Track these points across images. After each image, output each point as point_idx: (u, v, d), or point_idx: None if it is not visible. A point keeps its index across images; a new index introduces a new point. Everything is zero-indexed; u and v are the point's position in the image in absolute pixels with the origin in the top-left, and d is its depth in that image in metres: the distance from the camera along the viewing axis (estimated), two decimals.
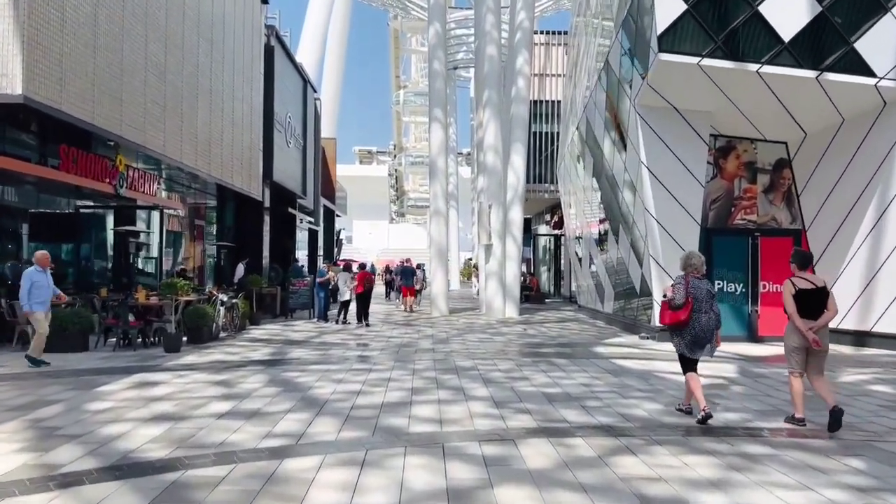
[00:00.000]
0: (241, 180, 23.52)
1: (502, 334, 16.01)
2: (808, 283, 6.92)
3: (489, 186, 20.86)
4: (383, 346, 13.57)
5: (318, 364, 10.92)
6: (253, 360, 11.43)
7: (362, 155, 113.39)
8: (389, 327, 17.67)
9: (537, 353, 12.46)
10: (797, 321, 6.79)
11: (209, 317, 13.83)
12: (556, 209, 32.83)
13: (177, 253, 23.41)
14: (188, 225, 23.10)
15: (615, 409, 7.75)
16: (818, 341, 6.76)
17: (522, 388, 8.96)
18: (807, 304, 6.83)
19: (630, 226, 15.28)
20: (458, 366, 10.83)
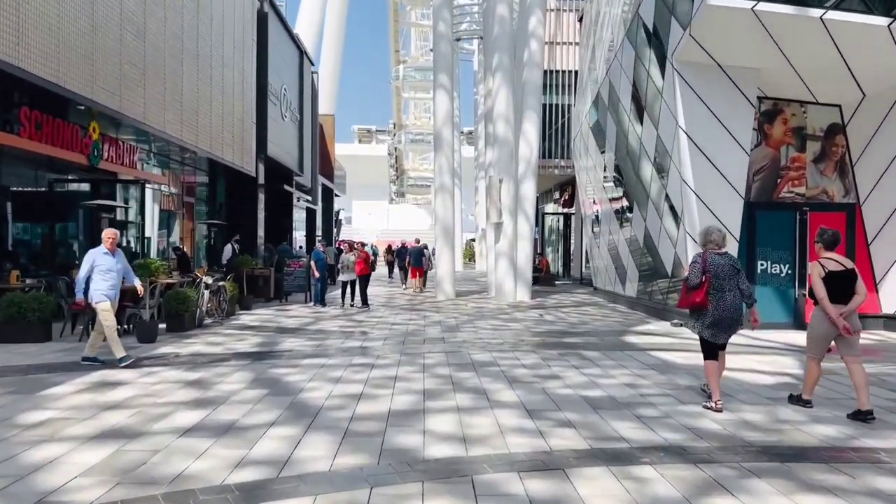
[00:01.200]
0: (232, 154, 21.91)
1: (517, 320, 14.51)
2: (837, 265, 6.39)
3: (500, 159, 19.26)
4: (386, 334, 12.07)
5: (312, 358, 9.42)
6: (238, 352, 9.93)
7: (361, 134, 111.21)
8: (392, 312, 16.17)
9: (562, 344, 10.95)
10: (829, 308, 6.27)
11: (191, 302, 12.32)
12: (565, 186, 31.23)
13: (170, 233, 21.96)
14: (177, 202, 21.54)
15: (678, 419, 6.24)
16: (849, 328, 6.28)
17: (556, 389, 7.46)
18: (836, 287, 6.32)
19: (661, 200, 13.72)
20: (474, 360, 9.33)
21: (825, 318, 6.36)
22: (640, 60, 14.47)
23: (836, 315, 6.24)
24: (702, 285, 6.46)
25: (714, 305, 6.48)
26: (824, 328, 6.40)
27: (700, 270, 6.49)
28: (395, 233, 68.52)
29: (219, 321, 13.63)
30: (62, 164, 14.48)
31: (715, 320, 6.50)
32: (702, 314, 6.56)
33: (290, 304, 17.95)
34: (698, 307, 6.53)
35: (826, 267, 6.37)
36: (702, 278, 6.46)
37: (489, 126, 22.09)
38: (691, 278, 6.54)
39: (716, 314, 6.49)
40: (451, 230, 20.43)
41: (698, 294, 6.47)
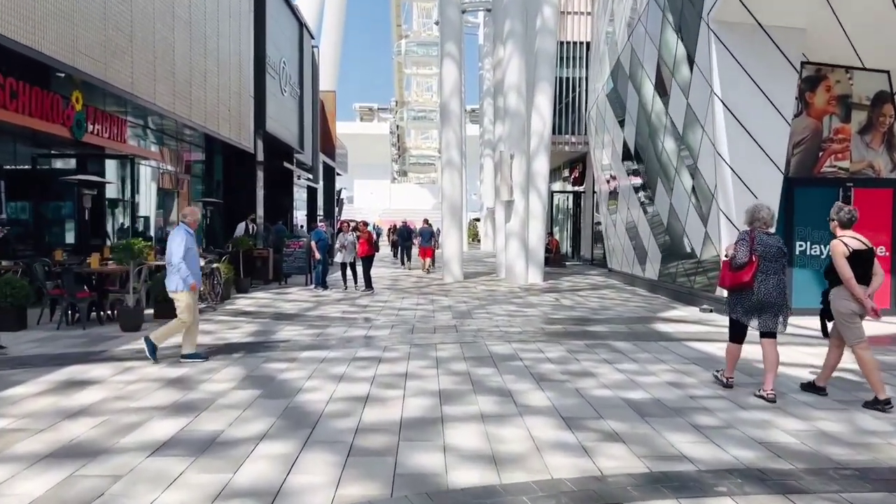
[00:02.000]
0: (228, 129, 20.85)
1: (532, 305, 13.52)
2: (860, 244, 6.01)
3: (511, 133, 18.16)
4: (393, 321, 11.10)
5: (312, 350, 8.45)
6: (230, 342, 8.97)
7: (363, 112, 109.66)
8: (398, 296, 15.19)
9: (587, 334, 9.97)
10: (855, 289, 5.88)
11: None
12: (575, 163, 30.12)
13: (168, 213, 20.98)
14: (173, 180, 20.52)
15: (744, 430, 5.27)
16: (877, 310, 6.02)
17: (592, 390, 6.49)
18: (857, 267, 5.94)
19: (689, 175, 12.68)
20: (493, 352, 8.36)
21: (849, 299, 5.97)
22: (668, 22, 13.33)
23: (863, 296, 5.90)
24: (750, 264, 6.11)
25: (757, 288, 6.12)
26: (850, 306, 5.98)
27: (748, 248, 6.12)
28: (398, 212, 67.47)
29: (212, 306, 12.67)
30: (45, 137, 13.46)
31: (756, 303, 6.15)
32: (744, 296, 6.19)
33: (290, 287, 16.99)
34: (743, 288, 6.15)
35: (849, 245, 5.98)
36: (751, 256, 6.10)
37: (499, 99, 20.98)
38: (739, 256, 6.13)
39: (758, 298, 6.13)
40: (460, 208, 19.40)
41: (746, 273, 6.11)
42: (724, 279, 6.38)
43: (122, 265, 10.37)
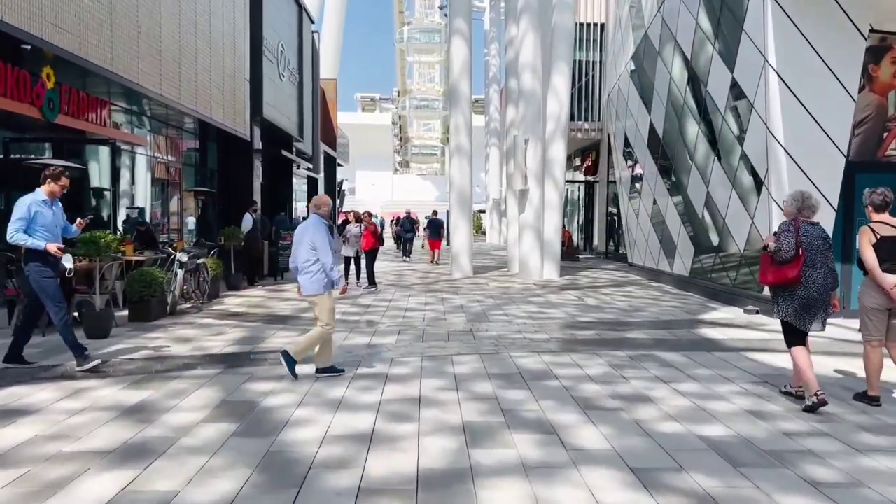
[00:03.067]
0: (222, 114, 19.42)
1: (553, 305, 12.17)
2: (891, 230, 5.62)
3: (525, 116, 16.76)
4: (400, 325, 9.76)
5: (306, 363, 7.10)
6: (209, 352, 7.63)
7: (365, 102, 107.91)
8: (404, 293, 13.85)
9: (627, 342, 8.61)
10: (879, 276, 5.54)
11: (159, 284, 9.99)
12: (588, 152, 28.69)
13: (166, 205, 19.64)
14: (163, 168, 19.15)
15: (879, 489, 3.92)
16: None
17: (657, 424, 5.13)
18: (890, 254, 5.56)
19: (735, 159, 11.30)
20: (521, 367, 7.01)
21: (875, 288, 5.61)
22: None
23: (890, 286, 5.49)
24: (797, 258, 5.52)
25: (804, 284, 5.55)
26: (877, 300, 5.63)
27: (793, 241, 5.53)
28: (400, 204, 66.08)
29: (198, 306, 11.35)
30: (16, 120, 12.08)
31: (804, 302, 5.54)
32: (789, 293, 5.60)
33: (286, 284, 15.64)
34: (789, 284, 5.57)
35: (878, 232, 5.61)
36: (797, 249, 5.53)
37: (511, 81, 19.58)
38: (784, 249, 5.52)
39: (805, 294, 5.55)
40: (469, 198, 18.01)
41: (792, 268, 5.51)
42: (766, 275, 5.76)
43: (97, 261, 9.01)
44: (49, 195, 6.75)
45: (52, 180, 6.74)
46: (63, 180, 6.81)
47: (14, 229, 6.43)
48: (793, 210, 5.75)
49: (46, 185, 6.76)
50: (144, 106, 16.73)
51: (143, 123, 17.66)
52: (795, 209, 5.73)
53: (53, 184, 6.76)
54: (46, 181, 6.78)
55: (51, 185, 6.76)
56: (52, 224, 6.68)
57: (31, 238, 6.49)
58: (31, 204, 6.55)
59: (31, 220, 6.51)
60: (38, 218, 6.55)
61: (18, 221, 6.46)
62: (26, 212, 6.49)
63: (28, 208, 6.51)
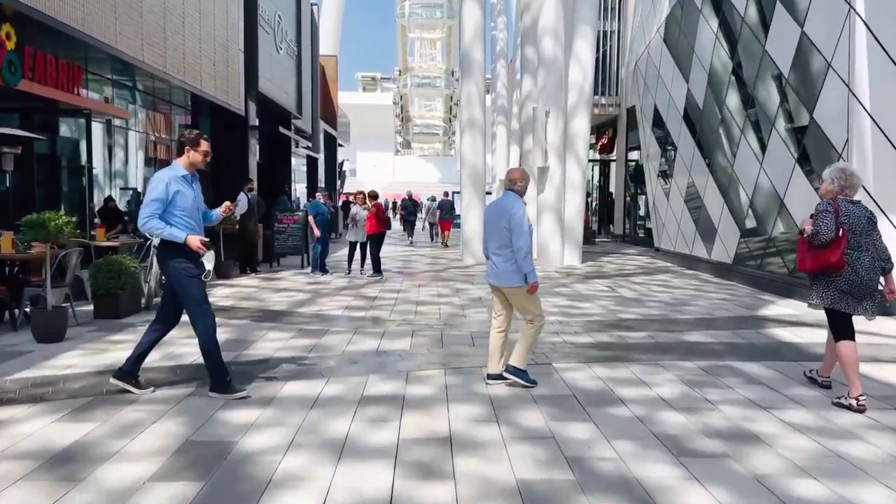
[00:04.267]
0: (214, 87, 17.83)
1: (584, 297, 10.69)
2: None
3: (545, 86, 15.16)
4: (413, 323, 8.29)
5: (299, 380, 5.64)
6: (182, 363, 6.16)
7: (366, 82, 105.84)
8: (413, 283, 12.38)
9: (690, 347, 7.12)
10: None
11: (130, 275, 8.52)
12: (604, 129, 27.06)
13: None
14: (149, 144, 17.62)
15: None
16: None
17: (786, 482, 3.67)
18: None
19: (797, 127, 9.76)
20: (571, 385, 5.54)
21: None
22: None
23: None
24: (837, 241, 4.97)
25: (850, 268, 5.02)
26: None
27: (832, 222, 4.97)
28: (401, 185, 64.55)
29: None
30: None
31: (851, 287, 5.01)
32: (833, 279, 5.05)
33: (282, 271, 14.18)
34: (830, 269, 5.02)
35: None
36: (838, 231, 4.97)
37: (527, 48, 17.96)
38: (823, 232, 4.95)
39: (852, 279, 5.01)
40: (482, 177, 16.46)
41: (834, 252, 4.96)
42: (805, 261, 5.20)
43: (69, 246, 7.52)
44: (189, 168, 5.12)
45: (190, 147, 5.11)
46: (204, 145, 5.15)
47: (147, 214, 4.91)
48: (834, 189, 5.12)
49: (185, 156, 5.12)
50: (127, 75, 15.18)
51: (126, 95, 16.12)
52: (838, 187, 5.10)
53: (193, 152, 5.10)
54: (185, 150, 5.13)
55: (190, 154, 5.10)
56: (193, 207, 5.12)
57: (168, 227, 4.92)
58: (170, 182, 4.97)
59: (170, 202, 4.96)
60: (178, 200, 4.99)
61: (154, 204, 4.92)
62: (164, 192, 4.92)
63: (166, 188, 4.94)
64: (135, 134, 16.54)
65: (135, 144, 16.73)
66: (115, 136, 15.67)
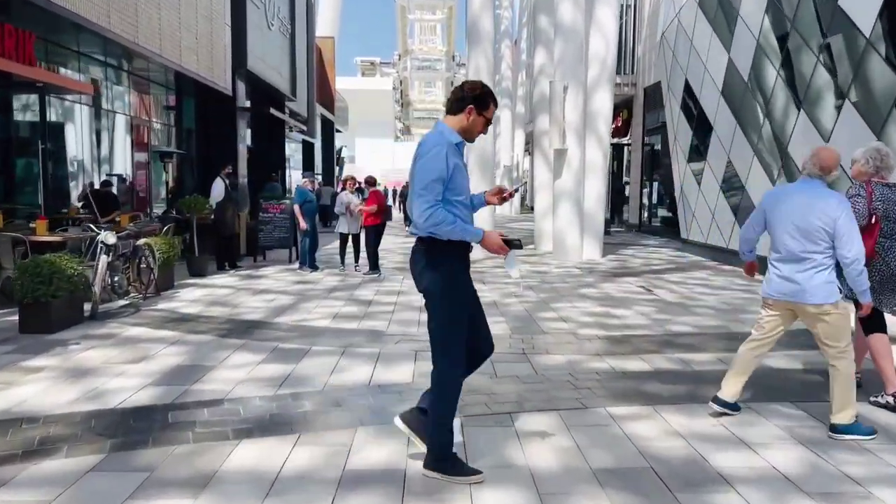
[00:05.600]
0: (196, 62, 16.11)
1: (618, 301, 9.06)
2: None
3: (564, 58, 13.42)
4: (416, 339, 6.65)
5: (260, 438, 4.02)
6: (101, 408, 4.53)
7: (365, 66, 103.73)
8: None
9: (777, 379, 5.47)
10: None
11: (67, 278, 6.88)
12: (617, 110, 25.26)
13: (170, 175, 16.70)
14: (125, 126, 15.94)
15: None
16: None
17: None
18: None
19: (883, 99, 8.10)
20: (644, 450, 3.92)
21: None
22: None
23: None
24: (870, 228, 4.52)
25: (881, 258, 4.57)
26: None
27: (865, 207, 4.54)
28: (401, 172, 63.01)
29: (136, 304, 8.27)
30: None
31: (883, 278, 4.57)
32: None
33: (266, 267, 12.55)
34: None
35: None
36: (871, 217, 4.53)
37: (540, 18, 16.24)
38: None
39: (882, 270, 4.57)
40: (491, 161, 14.76)
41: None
42: None
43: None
44: (467, 134, 3.43)
45: (475, 107, 3.38)
46: (491, 108, 3.43)
47: (430, 203, 3.24)
48: (868, 170, 4.72)
49: (463, 117, 3.40)
50: (95, 46, 13.48)
51: (96, 68, 14.44)
52: (873, 168, 4.71)
53: (476, 115, 3.39)
54: (465, 109, 3.39)
55: (471, 116, 3.39)
56: (467, 190, 3.46)
57: (459, 220, 3.29)
58: (448, 153, 3.29)
59: (448, 182, 3.30)
60: (457, 178, 3.34)
61: (434, 187, 3.25)
62: (444, 167, 3.27)
63: (446, 160, 3.27)
64: (105, 113, 14.84)
65: (105, 125, 15.04)
66: (80, 115, 13.98)
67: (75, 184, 13.74)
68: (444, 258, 3.38)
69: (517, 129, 38.30)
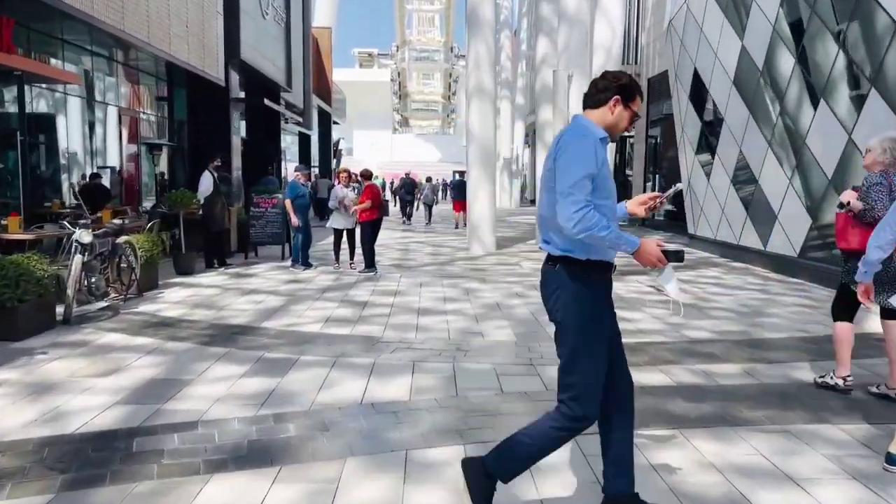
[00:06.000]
0: (187, 51, 15.53)
1: (627, 303, 8.58)
2: None
3: (568, 46, 12.87)
4: (411, 345, 6.15)
5: (223, 476, 3.50)
6: (54, 438, 4.01)
7: (362, 58, 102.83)
8: (413, 281, 10.23)
9: (808, 394, 4.98)
10: None
11: (34, 283, 6.36)
12: None
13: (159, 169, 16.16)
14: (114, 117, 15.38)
15: None
16: None
17: None
18: None
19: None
20: (669, 479, 3.43)
21: None
22: None
23: None
24: None
25: None
26: None
27: (887, 197, 4.40)
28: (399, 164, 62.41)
29: (115, 307, 7.74)
30: None
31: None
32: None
33: (258, 264, 12.03)
34: None
35: None
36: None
37: (543, 6, 15.68)
38: (878, 208, 4.37)
39: None
40: (493, 153, 14.20)
41: None
42: (847, 239, 4.65)
43: None
44: (611, 130, 2.89)
45: (621, 98, 2.85)
46: (637, 101, 2.91)
47: (581, 203, 2.66)
48: (885, 160, 4.59)
49: (607, 109, 2.87)
50: (80, 34, 12.91)
51: (82, 59, 13.88)
52: (890, 158, 4.57)
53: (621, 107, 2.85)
54: (610, 101, 2.86)
55: (615, 108, 2.85)
56: (615, 194, 2.91)
57: (613, 227, 2.72)
58: (597, 147, 2.76)
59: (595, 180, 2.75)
60: (605, 178, 2.81)
61: (584, 185, 2.69)
62: (593, 162, 2.72)
63: (595, 155, 2.73)
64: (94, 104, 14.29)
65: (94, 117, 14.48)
66: (66, 106, 13.42)
67: (59, 178, 13.22)
68: (587, 284, 2.83)
69: (517, 120, 37.75)
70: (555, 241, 2.83)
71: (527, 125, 37.05)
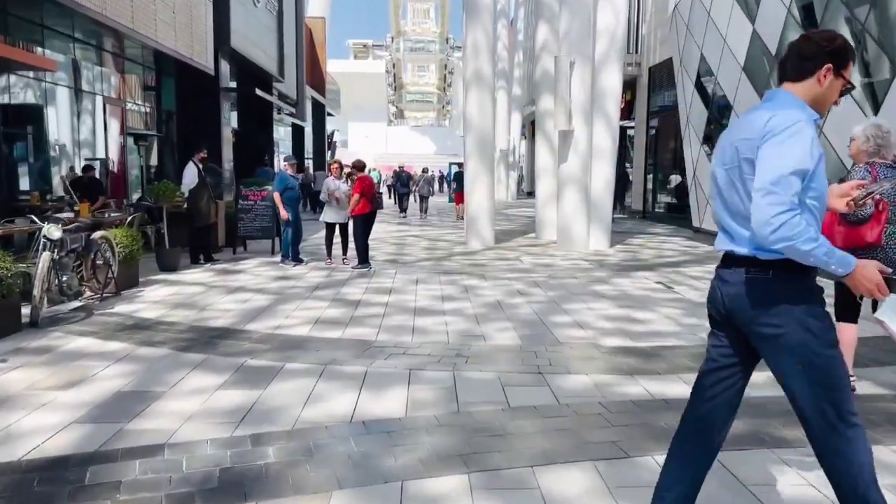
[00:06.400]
0: (174, 39, 14.93)
1: (639, 301, 8.06)
2: None
3: (570, 32, 12.33)
4: (407, 350, 5.64)
5: None
6: (3, 468, 3.49)
7: (357, 49, 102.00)
8: (408, 277, 9.72)
9: (885, 418, 4.50)
10: None
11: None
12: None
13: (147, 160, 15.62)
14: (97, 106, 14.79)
15: None
16: None
17: None
18: None
19: None
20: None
21: None
22: None
23: None
24: (878, 214, 4.15)
25: (889, 247, 4.25)
26: None
27: None
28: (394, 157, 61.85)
29: (90, 307, 7.22)
30: None
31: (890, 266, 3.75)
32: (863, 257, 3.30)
33: (246, 259, 11.49)
34: (865, 248, 4.14)
35: None
36: (877, 204, 4.10)
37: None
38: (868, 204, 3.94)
39: (888, 258, 4.16)
40: (491, 143, 13.66)
41: (872, 228, 4.14)
42: (832, 237, 4.24)
43: None
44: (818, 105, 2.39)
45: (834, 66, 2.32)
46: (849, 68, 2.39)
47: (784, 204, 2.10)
48: (869, 148, 4.31)
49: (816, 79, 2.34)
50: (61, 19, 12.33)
51: (63, 46, 13.29)
52: (874, 146, 4.29)
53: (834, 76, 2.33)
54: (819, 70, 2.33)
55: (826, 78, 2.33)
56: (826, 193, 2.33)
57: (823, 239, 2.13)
58: (814, 136, 2.22)
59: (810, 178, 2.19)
60: (821, 175, 2.23)
61: (793, 182, 2.13)
62: (809, 155, 2.17)
63: (811, 146, 2.19)
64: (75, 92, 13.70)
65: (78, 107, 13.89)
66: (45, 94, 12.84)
67: (39, 169, 12.64)
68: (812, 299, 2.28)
69: (514, 111, 37.15)
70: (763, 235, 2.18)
71: (524, 116, 36.46)
